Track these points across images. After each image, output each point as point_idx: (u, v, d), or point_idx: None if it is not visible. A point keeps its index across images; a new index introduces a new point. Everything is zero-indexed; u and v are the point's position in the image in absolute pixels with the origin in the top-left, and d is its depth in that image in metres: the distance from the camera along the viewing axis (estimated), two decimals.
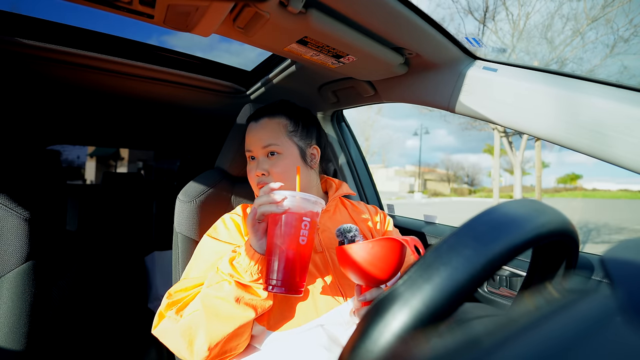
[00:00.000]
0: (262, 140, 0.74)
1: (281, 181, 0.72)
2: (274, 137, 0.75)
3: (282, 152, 0.74)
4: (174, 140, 2.14)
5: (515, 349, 0.17)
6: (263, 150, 0.74)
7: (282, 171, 0.73)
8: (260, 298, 0.57)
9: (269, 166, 0.74)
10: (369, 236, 0.79)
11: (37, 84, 1.03)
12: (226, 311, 0.55)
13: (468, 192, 43.52)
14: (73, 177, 6.36)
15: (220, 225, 0.73)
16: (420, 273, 0.24)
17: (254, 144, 0.76)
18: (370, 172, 1.39)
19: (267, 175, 0.74)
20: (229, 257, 0.58)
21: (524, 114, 0.65)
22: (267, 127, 0.76)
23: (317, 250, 0.71)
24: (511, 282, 0.85)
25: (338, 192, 0.82)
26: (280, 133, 0.75)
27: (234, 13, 0.57)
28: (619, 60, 8.61)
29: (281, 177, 0.73)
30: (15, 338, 0.67)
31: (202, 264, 0.66)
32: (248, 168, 0.78)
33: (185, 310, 0.58)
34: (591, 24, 8.51)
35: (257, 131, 0.76)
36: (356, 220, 0.82)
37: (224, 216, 0.75)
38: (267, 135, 0.75)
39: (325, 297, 0.65)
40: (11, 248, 0.68)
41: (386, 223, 0.87)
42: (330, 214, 0.80)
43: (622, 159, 0.54)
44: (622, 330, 0.17)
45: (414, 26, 0.62)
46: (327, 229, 0.76)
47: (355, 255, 0.51)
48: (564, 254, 0.35)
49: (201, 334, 0.55)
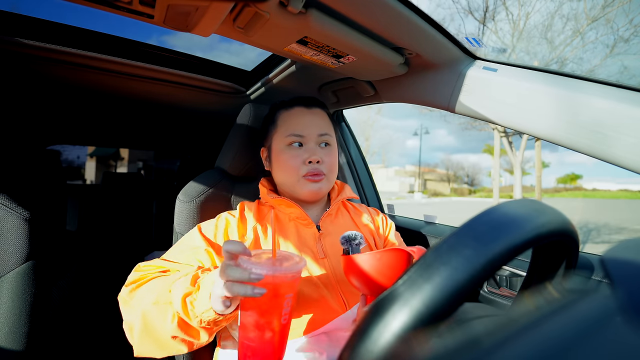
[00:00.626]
0: (319, 127, 0.72)
1: (332, 173, 0.73)
2: (329, 128, 0.74)
3: (332, 145, 0.74)
4: (174, 140, 2.14)
5: (515, 349, 0.17)
6: (318, 138, 0.72)
7: (333, 162, 0.73)
8: (200, 341, 0.51)
9: (324, 155, 0.71)
10: (370, 240, 0.78)
11: (37, 84, 1.03)
12: (160, 337, 0.51)
13: (468, 192, 43.52)
14: (73, 177, 6.36)
15: (211, 222, 0.70)
16: (420, 273, 0.24)
17: (309, 129, 0.72)
18: (370, 172, 1.39)
19: (320, 163, 0.71)
20: (183, 291, 0.49)
21: (524, 114, 0.65)
22: (323, 117, 0.75)
23: (319, 256, 0.69)
24: (511, 282, 0.85)
25: (341, 196, 0.80)
26: (331, 126, 0.76)
27: (234, 13, 0.57)
28: (619, 61, 8.61)
29: (332, 168, 0.73)
30: (15, 338, 0.67)
31: (178, 254, 0.64)
32: (289, 155, 0.72)
33: (136, 295, 0.55)
34: (591, 24, 8.51)
35: (312, 117, 0.73)
36: (358, 224, 0.81)
37: (220, 215, 0.73)
38: (324, 123, 0.74)
39: (327, 305, 0.63)
40: (11, 248, 0.68)
41: (388, 227, 0.85)
42: (332, 218, 0.78)
43: (622, 159, 0.54)
44: (622, 330, 0.17)
45: (414, 26, 0.62)
46: (329, 233, 0.73)
47: (363, 265, 0.50)
48: (564, 254, 0.35)
49: (135, 337, 0.53)
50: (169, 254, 0.66)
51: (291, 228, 0.72)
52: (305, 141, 0.72)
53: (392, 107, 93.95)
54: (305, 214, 0.72)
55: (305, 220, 0.72)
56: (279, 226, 0.72)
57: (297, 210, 0.72)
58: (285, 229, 0.71)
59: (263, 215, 0.74)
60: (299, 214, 0.72)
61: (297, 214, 0.72)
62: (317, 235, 0.72)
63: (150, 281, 0.57)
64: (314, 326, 0.61)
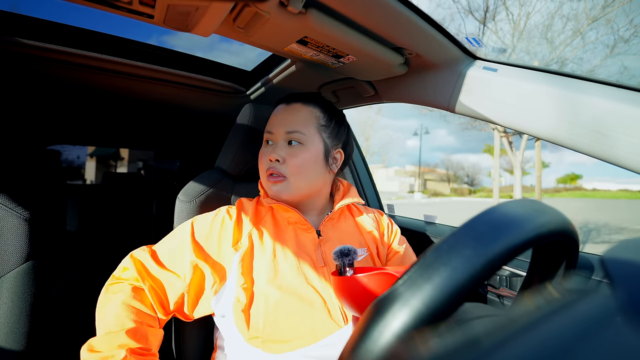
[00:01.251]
0: (288, 124, 0.67)
1: (295, 175, 0.66)
2: (302, 125, 0.67)
3: (305, 144, 0.67)
4: (174, 140, 2.14)
5: (515, 349, 0.17)
6: (285, 136, 0.67)
7: (299, 164, 0.66)
8: None
9: (287, 154, 0.66)
10: (373, 248, 0.74)
11: (37, 84, 1.03)
12: None
13: (468, 192, 43.52)
14: (73, 177, 6.36)
15: (207, 221, 0.67)
16: (420, 273, 0.24)
17: (277, 126, 0.68)
18: (370, 172, 1.39)
19: (281, 163, 0.66)
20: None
21: (524, 114, 0.65)
22: (298, 112, 0.69)
23: (319, 264, 0.65)
24: (511, 282, 0.85)
25: (346, 199, 0.74)
26: (310, 123, 0.68)
27: (234, 13, 0.57)
28: (619, 61, 8.62)
29: (296, 170, 0.66)
30: (15, 338, 0.67)
31: (167, 255, 0.65)
32: (261, 152, 0.71)
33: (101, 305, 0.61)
34: (591, 24, 8.51)
35: (285, 114, 0.69)
36: (362, 230, 0.76)
37: (218, 212, 0.69)
38: (295, 120, 0.68)
39: (325, 319, 0.59)
40: (11, 248, 0.68)
41: (393, 234, 0.80)
42: (334, 222, 0.73)
43: (623, 159, 0.54)
44: (622, 330, 0.17)
45: (414, 26, 0.62)
46: (330, 239, 0.69)
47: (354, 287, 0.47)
48: (564, 254, 0.35)
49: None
50: (161, 248, 0.66)
51: (289, 232, 0.68)
52: (273, 139, 0.69)
53: (392, 107, 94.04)
54: (304, 218, 0.68)
55: (305, 224, 0.68)
56: (276, 230, 0.68)
57: (294, 215, 0.68)
58: (283, 234, 0.68)
59: (261, 217, 0.70)
60: (297, 218, 0.68)
61: (295, 218, 0.69)
62: (317, 241, 0.68)
63: (110, 306, 0.59)
64: (310, 339, 0.57)
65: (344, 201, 0.73)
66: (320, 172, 0.69)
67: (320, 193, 0.73)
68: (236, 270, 0.62)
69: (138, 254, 0.65)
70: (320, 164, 0.69)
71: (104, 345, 0.55)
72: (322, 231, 0.70)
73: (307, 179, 0.68)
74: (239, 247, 0.65)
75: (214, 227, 0.66)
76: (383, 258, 0.76)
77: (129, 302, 0.59)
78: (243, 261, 0.63)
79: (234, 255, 0.64)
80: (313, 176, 0.69)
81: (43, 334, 0.73)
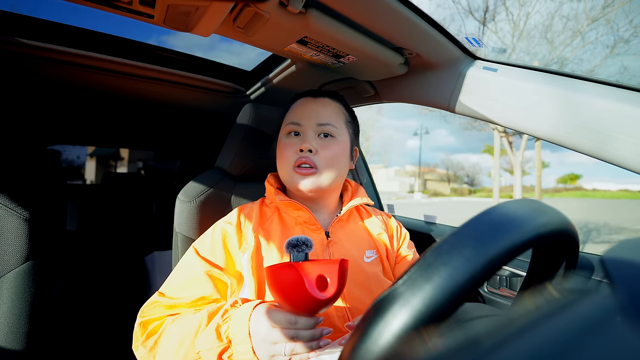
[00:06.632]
0: (320, 117, 0.67)
1: (326, 167, 0.65)
2: (334, 118, 0.68)
3: (337, 137, 0.67)
4: (174, 140, 2.14)
5: (515, 349, 0.17)
6: (317, 128, 0.67)
7: (332, 155, 0.66)
8: None
9: (320, 146, 0.66)
10: (383, 251, 0.72)
11: (37, 84, 1.03)
12: None
13: (468, 192, 43.52)
14: (73, 177, 6.35)
15: (207, 236, 0.66)
16: (420, 273, 0.24)
17: (307, 118, 0.67)
18: (370, 172, 1.39)
19: (313, 154, 0.65)
20: (216, 351, 0.48)
21: (524, 114, 0.65)
22: (329, 106, 0.70)
23: None
24: (511, 282, 0.85)
25: (355, 200, 0.73)
26: (340, 118, 0.70)
27: (234, 13, 0.57)
28: (619, 61, 8.63)
29: (329, 162, 0.65)
30: (15, 338, 0.67)
31: (180, 290, 0.60)
32: (285, 143, 0.68)
33: (157, 352, 0.54)
34: (591, 24, 8.52)
35: (315, 106, 0.69)
36: (371, 232, 0.75)
37: (216, 225, 0.68)
38: (327, 113, 0.68)
39: (330, 322, 0.58)
40: (11, 248, 0.68)
41: (402, 237, 0.79)
42: (343, 223, 0.72)
43: (623, 159, 0.54)
44: (622, 330, 0.17)
45: (414, 26, 0.62)
46: (338, 240, 0.68)
47: (268, 279, 0.47)
48: (564, 254, 0.35)
49: None
50: (170, 289, 0.61)
51: (297, 232, 0.67)
52: (302, 130, 0.67)
53: (392, 107, 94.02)
54: (314, 217, 0.67)
55: (314, 225, 0.67)
56: (283, 230, 0.67)
57: (305, 214, 0.67)
58: (290, 234, 0.67)
59: (266, 218, 0.69)
60: (307, 217, 0.67)
61: (305, 217, 0.67)
62: (326, 242, 0.67)
63: (166, 333, 0.54)
64: None
65: (353, 201, 0.72)
66: (346, 166, 0.70)
67: (337, 189, 0.73)
68: (247, 271, 0.62)
69: (149, 307, 0.60)
70: (347, 158, 0.70)
71: (203, 344, 0.50)
72: (331, 232, 0.69)
73: (336, 172, 0.68)
74: (246, 248, 0.64)
75: (216, 238, 0.65)
76: (392, 261, 0.75)
77: (177, 318, 0.55)
78: (252, 261, 0.62)
79: (242, 257, 0.64)
80: (341, 170, 0.69)
81: (43, 333, 0.72)
